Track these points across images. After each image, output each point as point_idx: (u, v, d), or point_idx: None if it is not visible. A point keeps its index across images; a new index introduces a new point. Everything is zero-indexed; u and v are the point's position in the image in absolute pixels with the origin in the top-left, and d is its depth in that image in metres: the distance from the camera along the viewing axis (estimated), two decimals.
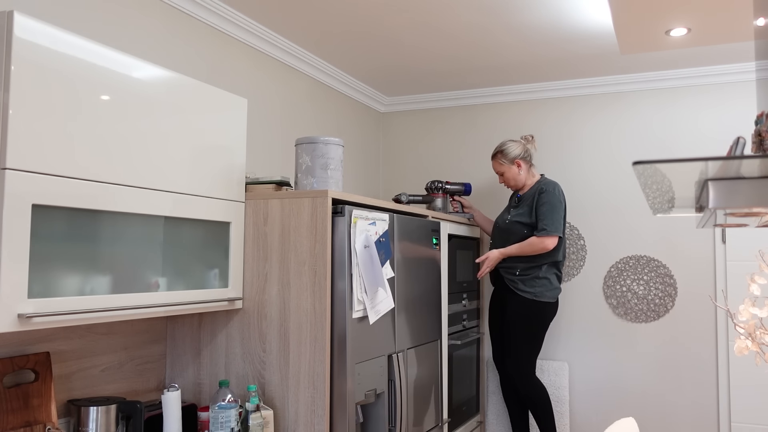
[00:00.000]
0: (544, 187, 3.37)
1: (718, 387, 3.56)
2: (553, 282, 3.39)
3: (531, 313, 3.33)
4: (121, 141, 1.88)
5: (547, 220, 3.29)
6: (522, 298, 3.35)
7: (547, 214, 3.30)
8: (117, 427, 2.04)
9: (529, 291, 3.34)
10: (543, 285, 3.35)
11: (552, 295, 3.37)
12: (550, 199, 3.33)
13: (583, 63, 3.58)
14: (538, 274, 3.35)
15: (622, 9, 2.07)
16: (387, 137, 4.44)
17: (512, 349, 3.36)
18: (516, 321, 3.35)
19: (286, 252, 2.32)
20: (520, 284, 3.36)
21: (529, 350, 3.35)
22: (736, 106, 3.63)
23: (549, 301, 3.35)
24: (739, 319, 1.60)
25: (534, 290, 3.33)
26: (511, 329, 3.36)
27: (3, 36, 1.59)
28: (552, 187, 3.36)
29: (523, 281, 3.35)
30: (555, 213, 3.31)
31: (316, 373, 2.24)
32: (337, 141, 2.44)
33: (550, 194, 3.34)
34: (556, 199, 3.33)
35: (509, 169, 3.46)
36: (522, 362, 3.35)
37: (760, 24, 1.58)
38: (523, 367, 3.35)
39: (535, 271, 3.35)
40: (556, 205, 3.32)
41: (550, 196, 3.33)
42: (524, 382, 3.35)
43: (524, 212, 3.41)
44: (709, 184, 1.11)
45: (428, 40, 3.22)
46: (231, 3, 2.78)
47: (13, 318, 1.58)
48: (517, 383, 3.36)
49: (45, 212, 1.67)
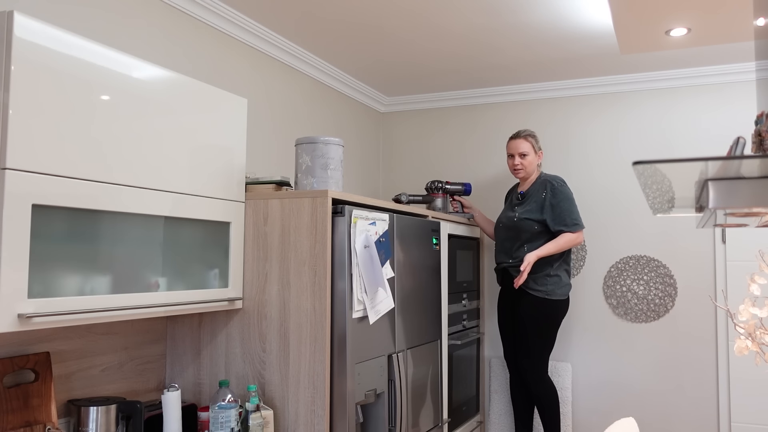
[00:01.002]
0: (553, 183, 3.37)
1: (718, 387, 3.56)
2: (564, 279, 3.37)
3: (544, 311, 3.32)
4: (121, 141, 1.88)
5: (574, 215, 3.32)
6: (534, 297, 3.33)
7: (570, 209, 3.33)
8: (117, 427, 2.04)
9: (540, 289, 3.32)
10: (554, 283, 3.33)
11: (563, 292, 3.35)
12: (566, 193, 3.35)
13: (583, 63, 3.58)
14: (549, 272, 3.33)
15: (622, 9, 2.07)
16: (387, 137, 4.44)
17: (526, 348, 3.35)
18: (529, 320, 3.33)
19: (286, 252, 2.32)
20: (531, 283, 3.34)
21: (542, 349, 3.34)
22: (736, 106, 3.63)
23: (560, 298, 3.34)
24: (739, 319, 1.60)
25: (546, 288, 3.32)
26: (525, 329, 3.35)
27: (3, 36, 1.59)
28: (561, 183, 3.38)
29: (534, 280, 3.34)
30: (574, 206, 3.35)
31: (316, 373, 2.24)
32: (337, 141, 2.44)
33: (564, 188, 3.35)
34: (570, 193, 3.36)
35: (533, 154, 3.44)
36: (536, 361, 3.33)
37: (760, 24, 1.58)
38: (537, 366, 3.34)
39: (546, 269, 3.33)
40: (572, 199, 3.36)
41: (565, 190, 3.35)
42: (537, 381, 3.34)
43: (533, 208, 3.39)
44: (709, 184, 1.11)
45: (428, 40, 3.22)
46: (231, 3, 2.78)
47: (13, 318, 1.58)
48: (531, 383, 3.35)
49: (45, 212, 1.67)
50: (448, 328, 3.34)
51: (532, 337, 3.32)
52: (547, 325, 3.33)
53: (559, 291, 3.34)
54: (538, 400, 3.36)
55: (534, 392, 3.35)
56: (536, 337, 3.32)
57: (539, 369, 3.34)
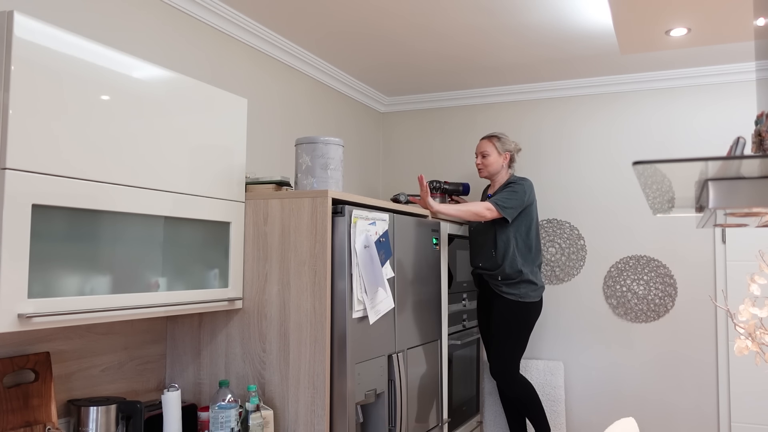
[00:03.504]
0: (514, 179, 3.38)
1: (718, 387, 3.56)
2: (537, 281, 3.39)
3: (516, 313, 3.35)
4: (121, 141, 1.88)
5: (509, 202, 3.26)
6: (507, 299, 3.36)
7: (509, 196, 3.28)
8: (117, 427, 2.04)
9: (513, 293, 3.35)
10: (527, 286, 3.36)
11: (536, 294, 3.38)
12: (514, 188, 3.32)
13: (582, 63, 3.57)
14: (520, 278, 3.35)
15: (622, 9, 2.07)
16: (387, 137, 4.44)
17: (496, 350, 3.36)
18: (501, 322, 3.36)
19: (286, 252, 2.32)
20: (504, 287, 3.38)
21: (512, 351, 3.35)
22: (736, 106, 3.63)
23: (533, 300, 3.37)
24: (739, 319, 1.60)
25: (519, 291, 3.35)
26: (496, 330, 3.37)
27: (3, 36, 1.59)
28: (520, 180, 3.36)
29: (506, 284, 3.37)
30: (516, 198, 3.27)
31: (316, 373, 2.24)
32: (337, 141, 2.44)
33: (516, 185, 3.33)
34: (522, 190, 3.31)
35: (496, 155, 3.44)
36: (506, 363, 3.35)
37: (760, 24, 1.58)
38: (507, 367, 3.35)
39: (519, 276, 3.35)
40: (519, 193, 3.30)
41: (516, 186, 3.32)
42: (509, 381, 3.35)
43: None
44: (709, 184, 1.11)
45: (428, 40, 3.22)
46: (231, 3, 2.78)
47: (13, 318, 1.58)
48: (502, 385, 3.37)
49: (45, 212, 1.67)
50: (448, 328, 3.34)
51: (502, 338, 3.34)
52: (518, 327, 3.35)
53: (533, 294, 3.37)
54: (518, 400, 3.39)
55: (511, 394, 3.37)
56: (507, 339, 3.34)
57: (509, 369, 3.35)
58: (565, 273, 3.92)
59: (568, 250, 3.92)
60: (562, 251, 3.93)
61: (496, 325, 3.38)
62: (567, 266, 3.91)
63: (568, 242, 3.92)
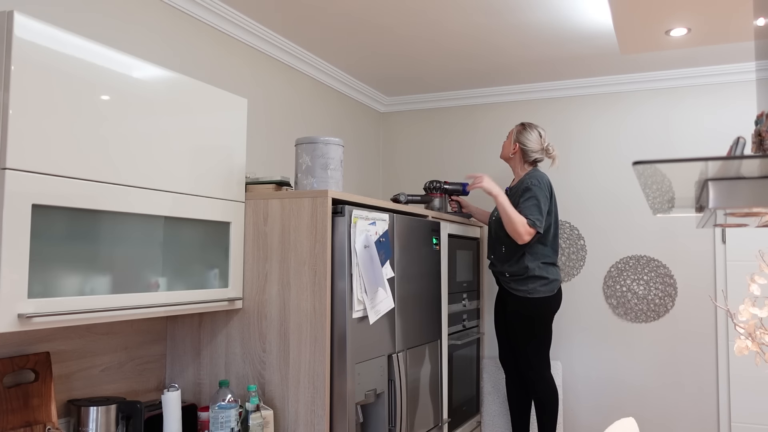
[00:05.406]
0: (528, 184, 3.31)
1: (718, 387, 3.56)
2: (549, 275, 3.33)
3: (528, 310, 3.32)
4: (121, 141, 1.88)
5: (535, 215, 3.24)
6: (517, 296, 3.35)
7: (531, 208, 3.25)
8: (117, 427, 2.04)
9: (522, 289, 3.34)
10: (535, 282, 3.32)
11: (548, 289, 3.32)
12: (535, 193, 3.27)
13: (583, 63, 3.58)
14: (528, 275, 3.33)
15: (622, 9, 2.07)
16: (387, 137, 4.44)
17: (519, 348, 3.36)
18: (514, 320, 3.35)
19: (286, 252, 2.32)
20: (513, 284, 3.38)
21: (535, 347, 3.33)
22: (736, 106, 3.63)
23: (545, 295, 3.32)
24: (739, 319, 1.60)
25: (527, 287, 3.33)
26: (512, 328, 3.36)
27: (3, 36, 1.59)
28: (537, 184, 3.30)
29: (515, 281, 3.36)
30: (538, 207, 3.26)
31: (316, 373, 2.24)
32: (337, 141, 2.44)
33: (535, 190, 3.28)
34: (541, 193, 3.28)
35: (509, 142, 3.48)
36: (532, 360, 3.33)
37: (760, 24, 1.58)
38: (534, 364, 3.33)
39: (525, 272, 3.34)
40: (540, 199, 3.27)
41: (536, 191, 3.27)
42: (537, 378, 3.33)
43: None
44: (709, 184, 1.11)
45: (428, 40, 3.22)
46: (231, 3, 2.78)
47: (13, 318, 1.58)
48: (530, 381, 3.34)
49: (45, 212, 1.67)
50: (448, 328, 3.34)
51: (520, 336, 3.33)
52: (533, 324, 3.32)
53: (543, 289, 3.31)
54: (536, 396, 3.35)
55: (533, 389, 3.35)
56: (525, 336, 3.33)
57: (537, 367, 3.34)
58: (565, 273, 3.92)
59: (568, 250, 3.92)
60: (562, 251, 3.93)
61: (511, 323, 3.37)
62: (567, 266, 3.92)
63: (568, 242, 3.92)
